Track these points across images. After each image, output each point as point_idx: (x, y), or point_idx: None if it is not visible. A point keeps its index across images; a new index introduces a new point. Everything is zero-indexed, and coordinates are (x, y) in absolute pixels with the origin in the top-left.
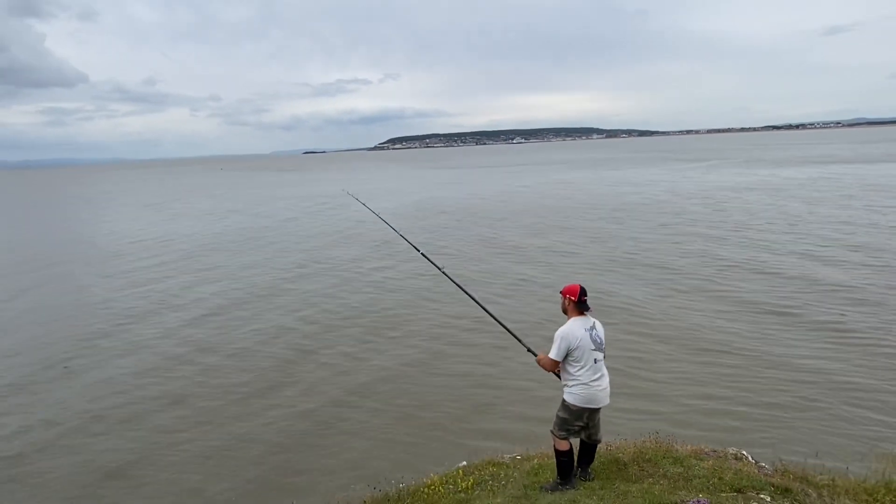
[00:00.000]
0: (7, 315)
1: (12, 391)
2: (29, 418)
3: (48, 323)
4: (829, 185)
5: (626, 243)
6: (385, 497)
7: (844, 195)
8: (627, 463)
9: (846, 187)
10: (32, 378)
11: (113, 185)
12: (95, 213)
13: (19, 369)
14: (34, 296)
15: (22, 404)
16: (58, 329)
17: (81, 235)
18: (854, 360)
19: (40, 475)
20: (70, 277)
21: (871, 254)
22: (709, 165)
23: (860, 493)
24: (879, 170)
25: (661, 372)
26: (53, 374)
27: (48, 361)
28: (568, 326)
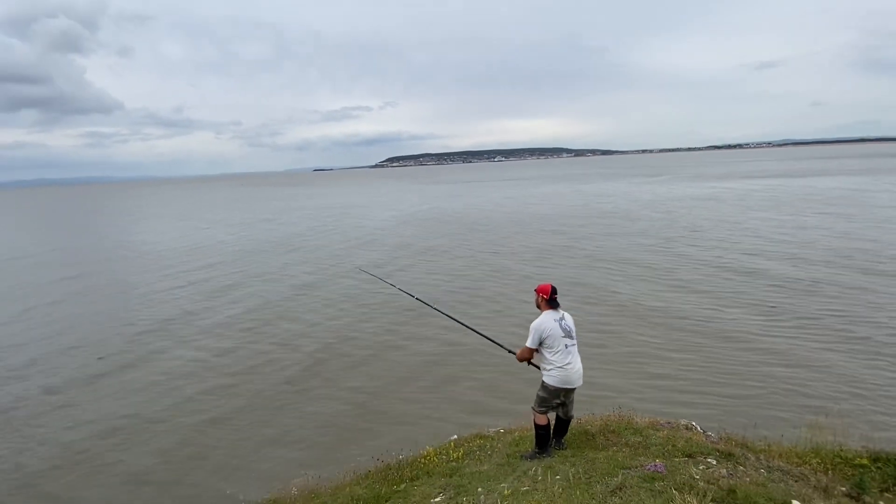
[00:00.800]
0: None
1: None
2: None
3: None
4: (762, 195)
5: (594, 242)
6: (387, 467)
7: (774, 203)
8: (595, 434)
9: (776, 197)
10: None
11: (158, 199)
12: (143, 223)
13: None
14: (100, 292)
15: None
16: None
17: (132, 243)
18: (786, 341)
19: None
20: (141, 280)
21: (802, 250)
22: (663, 179)
23: (792, 457)
24: (803, 182)
25: (624, 351)
26: (93, 367)
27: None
28: (540, 319)
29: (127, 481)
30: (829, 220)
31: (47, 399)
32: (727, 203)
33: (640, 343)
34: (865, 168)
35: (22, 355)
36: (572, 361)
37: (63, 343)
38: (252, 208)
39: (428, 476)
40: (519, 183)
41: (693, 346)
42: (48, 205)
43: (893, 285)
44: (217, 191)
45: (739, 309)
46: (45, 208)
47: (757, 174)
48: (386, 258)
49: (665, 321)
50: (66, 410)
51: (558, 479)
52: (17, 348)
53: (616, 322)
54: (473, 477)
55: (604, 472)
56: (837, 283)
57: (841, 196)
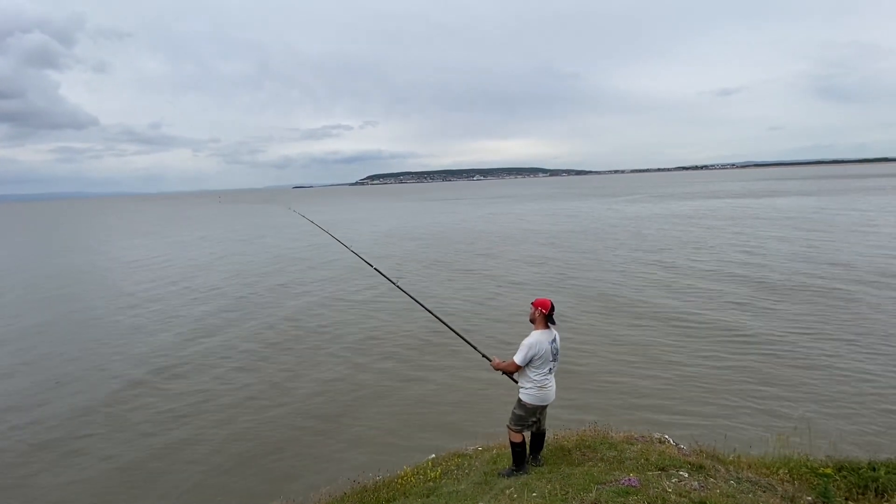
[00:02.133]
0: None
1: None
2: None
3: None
4: (723, 213)
5: (570, 259)
6: (363, 489)
7: (733, 221)
8: (571, 449)
9: (736, 216)
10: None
11: (129, 216)
12: (109, 240)
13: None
14: (87, 306)
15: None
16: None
17: (87, 261)
18: (755, 357)
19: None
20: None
21: (761, 269)
22: (634, 198)
23: (761, 468)
24: (763, 202)
25: (598, 367)
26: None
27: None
28: (535, 338)
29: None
30: (795, 238)
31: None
32: (692, 221)
33: (612, 359)
34: (823, 189)
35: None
36: (551, 381)
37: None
38: (253, 224)
39: (405, 497)
40: (503, 201)
41: (666, 361)
42: (13, 221)
43: (857, 300)
44: (196, 207)
45: (711, 325)
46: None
47: (721, 194)
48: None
49: (638, 338)
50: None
51: (534, 497)
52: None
53: (589, 338)
54: (451, 497)
55: (579, 487)
56: (803, 299)
57: (806, 216)
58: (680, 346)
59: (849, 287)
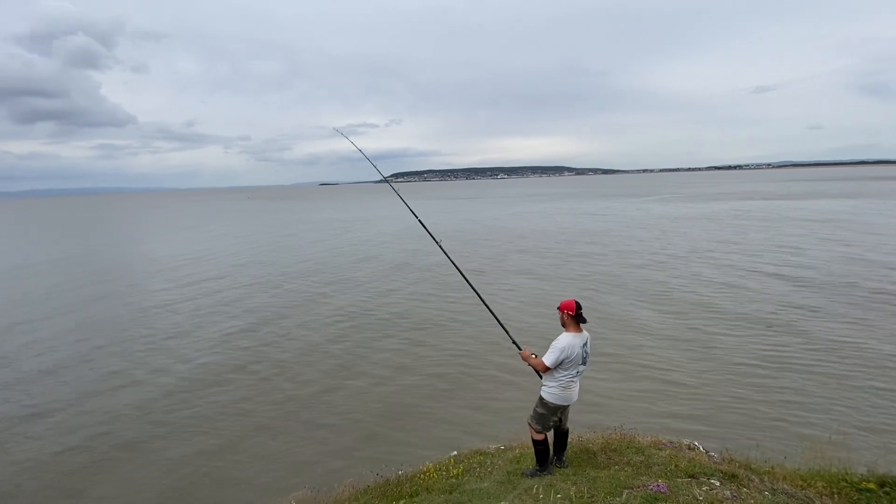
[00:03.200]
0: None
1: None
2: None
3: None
4: (759, 214)
5: (600, 258)
6: (386, 482)
7: (775, 223)
8: (596, 452)
9: (772, 217)
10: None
11: (171, 211)
12: (168, 235)
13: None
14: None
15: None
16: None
17: (152, 254)
18: (790, 363)
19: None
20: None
21: (805, 271)
22: (665, 198)
23: (796, 479)
24: (801, 204)
25: (625, 369)
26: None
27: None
28: (568, 341)
29: (124, 491)
30: (833, 242)
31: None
32: (729, 221)
33: (641, 362)
34: (868, 190)
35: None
36: (576, 382)
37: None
38: (300, 220)
39: (427, 492)
40: (529, 199)
41: (695, 365)
42: (66, 214)
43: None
44: (232, 203)
45: (740, 329)
46: (65, 217)
47: (758, 195)
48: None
49: (668, 340)
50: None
51: (559, 498)
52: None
53: (617, 339)
54: (474, 494)
55: (606, 491)
56: (842, 305)
57: (848, 218)
58: (710, 345)
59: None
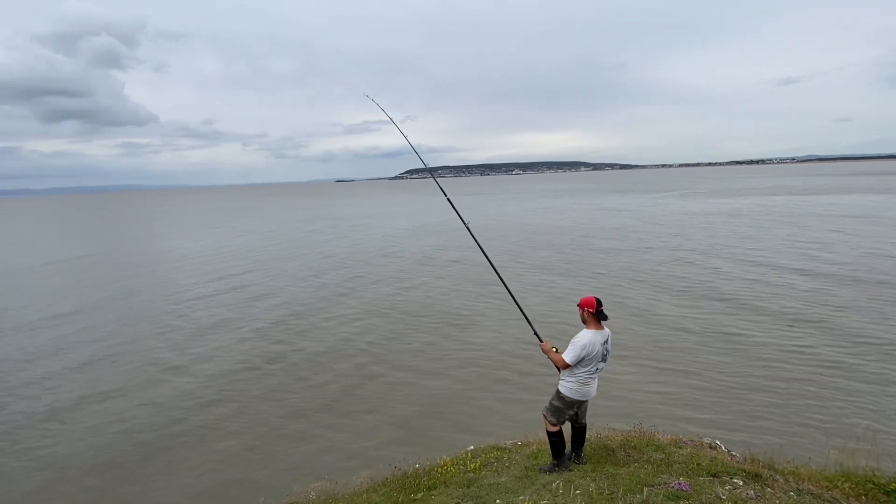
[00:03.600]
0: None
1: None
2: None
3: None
4: (781, 210)
5: (620, 255)
6: (404, 475)
7: (792, 220)
8: (615, 449)
9: (796, 213)
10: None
11: (198, 207)
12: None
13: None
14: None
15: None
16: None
17: (179, 249)
18: (813, 361)
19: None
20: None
21: (832, 267)
22: (684, 194)
23: (821, 481)
24: (827, 199)
25: (645, 366)
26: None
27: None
28: (589, 338)
29: (155, 476)
30: (860, 238)
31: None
32: (752, 217)
33: (661, 358)
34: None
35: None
36: (594, 378)
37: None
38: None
39: (445, 486)
40: (546, 195)
41: (716, 363)
42: (94, 211)
43: None
44: (253, 200)
45: (762, 327)
46: (94, 214)
47: (780, 191)
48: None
49: (688, 337)
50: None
51: (579, 494)
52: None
53: (636, 335)
54: (491, 489)
55: (626, 488)
56: (868, 302)
57: (875, 214)
58: (732, 343)
59: None
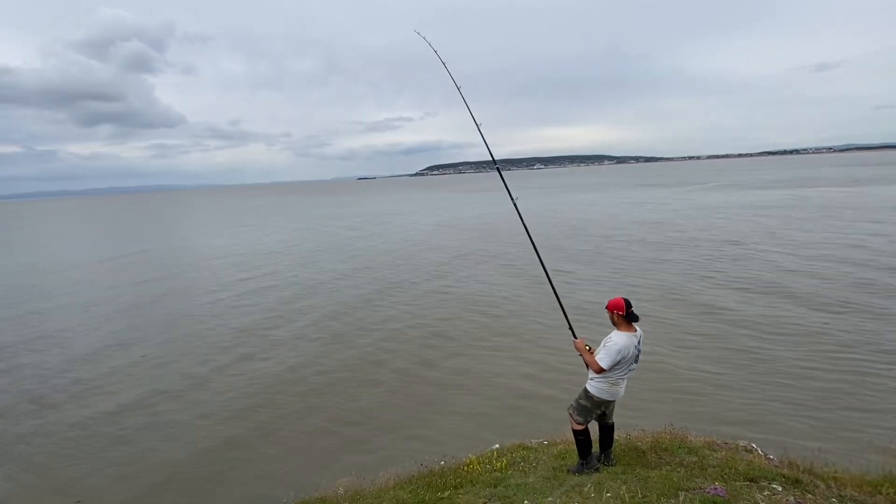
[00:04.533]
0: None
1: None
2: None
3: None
4: (816, 203)
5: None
6: (430, 473)
7: (828, 213)
8: (646, 451)
9: (832, 206)
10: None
11: (235, 206)
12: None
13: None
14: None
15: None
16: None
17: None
18: (852, 361)
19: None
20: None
21: (866, 271)
22: (710, 187)
23: (864, 486)
24: (867, 191)
25: (677, 365)
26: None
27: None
28: (623, 342)
29: (174, 474)
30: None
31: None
32: (786, 212)
33: (694, 357)
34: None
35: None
36: (625, 379)
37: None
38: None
39: (472, 485)
40: (570, 190)
41: (749, 366)
42: (134, 210)
43: None
44: (289, 199)
45: (798, 328)
46: (134, 213)
47: (816, 181)
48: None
49: (719, 338)
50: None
51: (609, 497)
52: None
53: (665, 336)
54: (519, 489)
55: (659, 492)
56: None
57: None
58: (768, 349)
59: None
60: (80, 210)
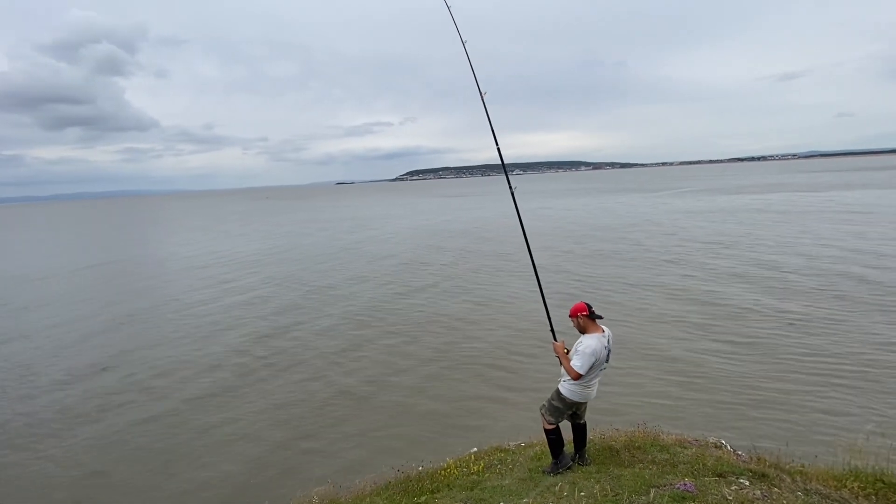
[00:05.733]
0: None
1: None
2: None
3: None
4: (781, 208)
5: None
6: (407, 478)
7: (790, 217)
8: (619, 450)
9: (793, 211)
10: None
11: (215, 213)
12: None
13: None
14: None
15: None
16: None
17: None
18: (817, 360)
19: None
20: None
21: (840, 266)
22: (692, 191)
23: (829, 480)
24: (829, 196)
25: (647, 365)
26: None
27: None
28: (592, 344)
29: (142, 485)
30: (863, 237)
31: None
32: (748, 215)
33: (664, 357)
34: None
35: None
36: (595, 381)
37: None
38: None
39: (449, 489)
40: (548, 196)
41: (719, 363)
42: (102, 217)
43: None
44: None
45: (764, 326)
46: (103, 220)
47: (784, 188)
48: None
49: (690, 338)
50: None
51: (583, 496)
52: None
53: (637, 335)
54: (495, 491)
55: (631, 489)
56: (870, 303)
57: (876, 211)
58: (733, 346)
59: None
60: (42, 216)
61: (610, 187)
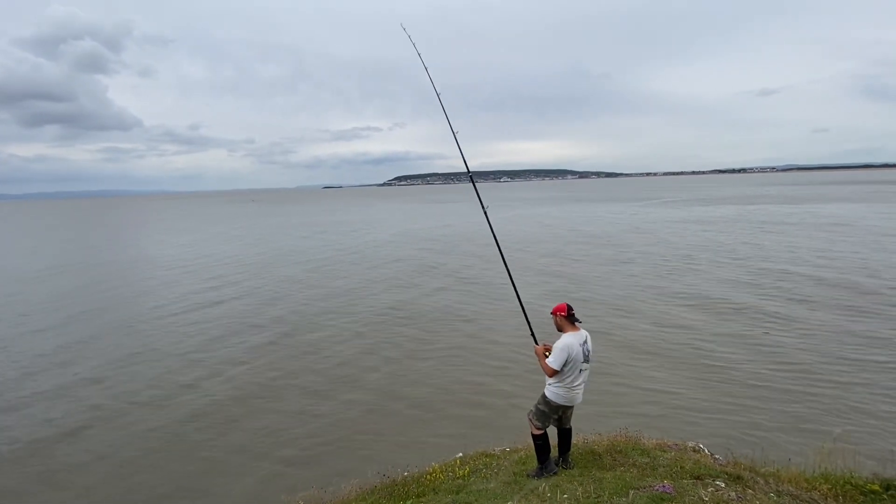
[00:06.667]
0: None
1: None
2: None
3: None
4: (761, 219)
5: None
6: (392, 483)
7: (769, 227)
8: (602, 454)
9: (773, 221)
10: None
11: (203, 215)
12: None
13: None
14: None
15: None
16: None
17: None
18: (791, 367)
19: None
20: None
21: (819, 271)
22: (667, 202)
23: (801, 482)
24: (809, 208)
25: (627, 372)
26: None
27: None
28: (567, 340)
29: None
30: (836, 246)
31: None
32: (729, 225)
33: (643, 365)
34: (876, 194)
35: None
36: (581, 383)
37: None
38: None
39: (434, 493)
40: (535, 203)
41: (697, 369)
42: (82, 217)
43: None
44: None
45: (739, 333)
46: (83, 220)
47: (762, 199)
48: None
49: (669, 343)
50: None
51: (566, 498)
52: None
53: (620, 342)
54: (480, 495)
55: (612, 491)
56: (845, 308)
57: (849, 223)
58: (712, 354)
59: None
60: (16, 214)
61: (601, 196)
